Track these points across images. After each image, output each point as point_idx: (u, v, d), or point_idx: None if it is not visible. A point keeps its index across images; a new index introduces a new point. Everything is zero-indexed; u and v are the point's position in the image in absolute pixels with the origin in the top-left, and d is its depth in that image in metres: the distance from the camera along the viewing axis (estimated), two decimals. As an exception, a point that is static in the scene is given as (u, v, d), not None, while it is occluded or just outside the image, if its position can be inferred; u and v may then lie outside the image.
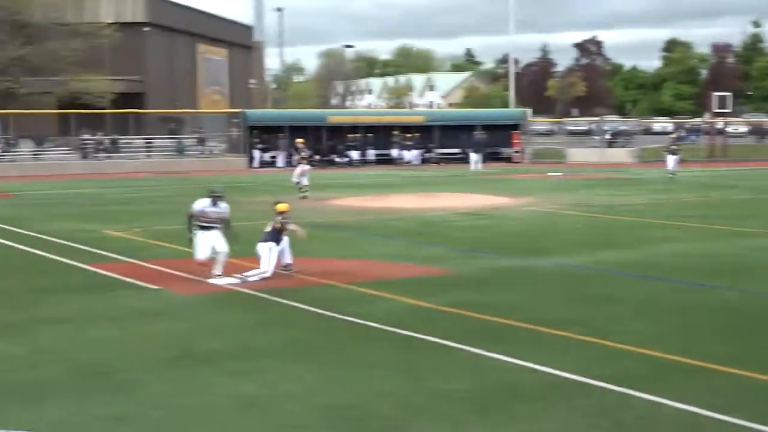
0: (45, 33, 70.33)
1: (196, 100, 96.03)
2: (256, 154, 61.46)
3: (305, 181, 37.98)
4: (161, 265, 20.01)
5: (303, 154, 39.43)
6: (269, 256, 18.63)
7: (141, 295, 16.85)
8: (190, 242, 18.62)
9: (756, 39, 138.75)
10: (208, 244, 18.41)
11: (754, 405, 10.32)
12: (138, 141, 66.13)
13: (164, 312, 15.32)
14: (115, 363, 12.14)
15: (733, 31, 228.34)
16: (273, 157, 62.50)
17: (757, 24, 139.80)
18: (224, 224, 18.86)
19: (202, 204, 18.58)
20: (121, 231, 26.06)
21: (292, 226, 19.33)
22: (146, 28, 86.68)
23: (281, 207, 19.55)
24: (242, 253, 19.29)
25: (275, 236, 19.10)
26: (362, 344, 13.04)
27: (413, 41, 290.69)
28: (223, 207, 18.85)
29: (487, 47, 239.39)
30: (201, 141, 65.00)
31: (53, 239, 24.51)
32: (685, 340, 13.19)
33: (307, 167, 38.84)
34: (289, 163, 61.54)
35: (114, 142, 62.85)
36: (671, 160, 47.38)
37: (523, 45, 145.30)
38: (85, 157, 61.06)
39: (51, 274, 19.33)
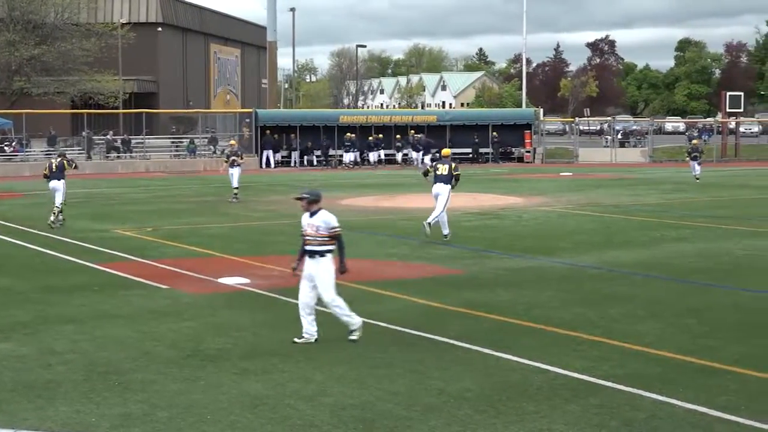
0: (58, 33, 70.55)
1: (208, 99, 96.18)
2: (270, 154, 61.41)
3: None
4: (171, 264, 20.04)
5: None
6: (448, 197, 23.89)
7: (151, 295, 16.87)
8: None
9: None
10: (308, 284, 13.45)
11: (765, 405, 10.27)
12: (150, 140, 66.23)
13: (174, 311, 15.32)
14: (124, 362, 12.14)
15: (750, 31, 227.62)
16: (285, 157, 62.52)
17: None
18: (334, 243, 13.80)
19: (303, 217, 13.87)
20: (131, 231, 26.10)
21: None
22: (159, 28, 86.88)
23: (446, 151, 26.34)
24: (248, 252, 19.26)
25: (449, 179, 24.32)
26: (371, 344, 13.01)
27: (427, 41, 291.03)
28: (323, 218, 13.94)
29: (501, 47, 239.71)
30: (213, 141, 65.07)
31: (64, 239, 24.57)
32: (696, 341, 13.14)
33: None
34: (302, 163, 61.67)
35: (126, 141, 62.95)
36: (696, 166, 45.24)
37: (536, 44, 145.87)
38: (89, 157, 61.08)
39: (60, 274, 19.37)
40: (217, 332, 13.72)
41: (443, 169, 24.67)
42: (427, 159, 55.00)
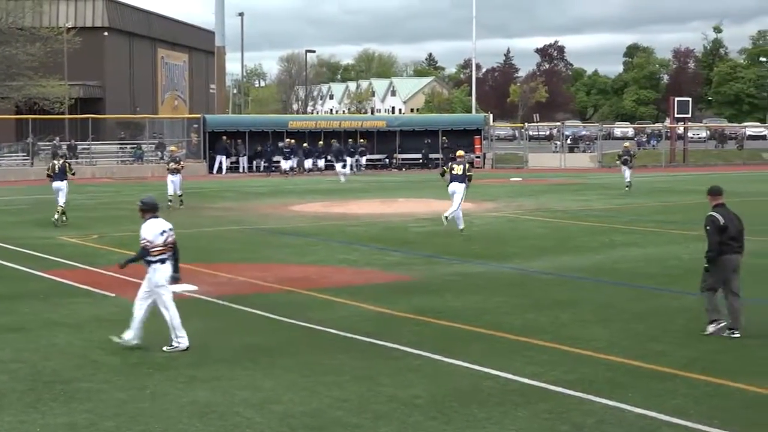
0: (2, 37, 69.67)
1: (155, 105, 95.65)
2: (222, 159, 60.99)
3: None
4: (118, 272, 19.78)
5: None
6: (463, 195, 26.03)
7: (98, 303, 16.73)
8: None
9: (717, 44, 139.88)
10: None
11: (713, 409, 10.38)
12: (96, 146, 65.71)
13: (121, 319, 15.11)
14: (70, 371, 12.03)
15: (698, 37, 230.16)
16: (234, 163, 62.23)
17: (718, 29, 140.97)
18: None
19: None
20: (77, 238, 25.86)
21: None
22: (106, 33, 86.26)
23: (460, 153, 28.69)
24: (201, 259, 19.16)
25: (464, 178, 26.41)
26: (321, 351, 12.99)
27: (377, 46, 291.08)
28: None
29: (451, 52, 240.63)
30: (160, 146, 64.67)
31: (8, 246, 24.28)
32: (645, 345, 13.25)
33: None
34: (250, 169, 61.36)
35: (72, 147, 62.38)
36: (627, 172, 43.08)
37: (486, 50, 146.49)
38: (31, 163, 60.45)
39: (6, 282, 19.13)
40: (164, 340, 13.62)
41: (458, 169, 27.10)
42: (339, 166, 53.67)
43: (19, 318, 15.40)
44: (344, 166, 53.80)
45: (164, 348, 13.05)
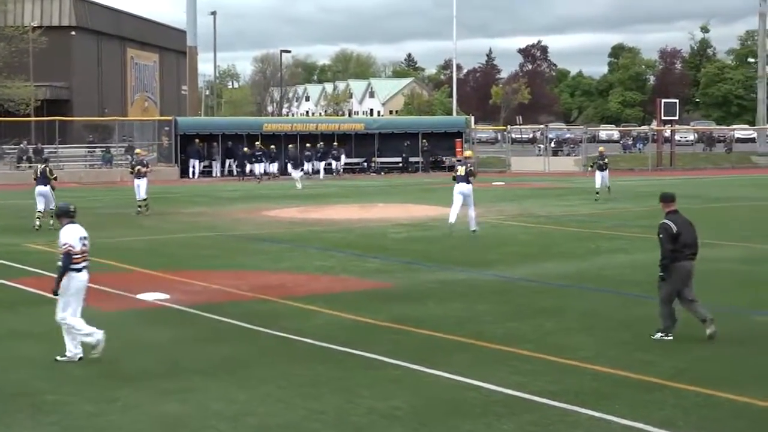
0: (-35, 37, 69.45)
1: (125, 106, 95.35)
2: (196, 163, 60.77)
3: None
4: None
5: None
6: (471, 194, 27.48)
7: (65, 312, 16.61)
8: None
9: (704, 44, 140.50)
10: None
11: (702, 420, 10.42)
12: (63, 150, 65.42)
13: (89, 329, 15.11)
14: (37, 382, 11.98)
15: (684, 37, 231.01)
16: (207, 166, 62.09)
17: (705, 29, 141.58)
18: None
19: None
20: (44, 244, 25.73)
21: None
22: (73, 32, 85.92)
23: (469, 153, 30.99)
24: (172, 266, 19.11)
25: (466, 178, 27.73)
26: (297, 361, 12.98)
27: (355, 46, 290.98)
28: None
29: (431, 53, 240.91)
30: (130, 150, 64.45)
31: (-28, 253, 24.16)
32: (632, 355, 13.29)
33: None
34: (222, 173, 61.21)
35: (38, 150, 62.10)
36: (600, 177, 41.21)
37: (467, 50, 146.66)
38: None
39: (-31, 290, 19.02)
40: (136, 350, 13.59)
41: (461, 170, 28.52)
42: (295, 173, 52.93)
43: (-17, 328, 15.31)
44: (302, 171, 53.50)
45: (57, 357, 13.03)
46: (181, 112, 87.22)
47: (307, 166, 58.70)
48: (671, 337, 14.13)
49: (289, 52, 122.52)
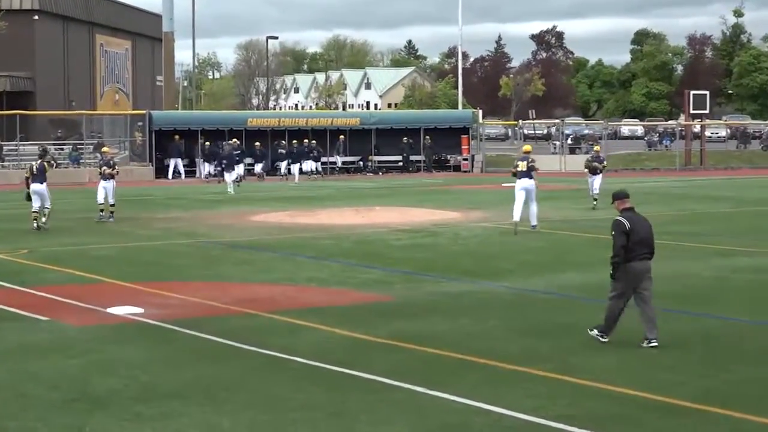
0: None
1: (94, 99, 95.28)
2: (177, 162, 60.60)
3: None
4: (52, 292, 19.78)
5: None
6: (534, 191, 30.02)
7: (28, 328, 16.63)
8: None
9: (738, 30, 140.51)
10: None
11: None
12: (26, 147, 65.37)
13: (55, 347, 15.12)
14: (-4, 407, 11.98)
15: (715, 22, 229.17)
16: (187, 165, 62.03)
17: (738, 13, 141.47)
18: None
19: None
20: (3, 253, 25.72)
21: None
22: (36, 17, 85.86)
23: (527, 147, 32.27)
24: (146, 277, 19.09)
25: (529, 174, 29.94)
26: (287, 382, 12.97)
27: (349, 32, 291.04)
28: None
29: (434, 39, 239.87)
30: (99, 147, 64.40)
31: (-76, 263, 24.17)
32: (658, 375, 13.28)
33: None
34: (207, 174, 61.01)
35: (-5, 148, 62.13)
36: (595, 181, 39.44)
37: (474, 36, 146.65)
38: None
39: None
40: (107, 371, 13.57)
41: (523, 165, 30.36)
42: (228, 175, 52.15)
43: (-63, 346, 15.31)
44: (236, 175, 51.05)
45: None
46: (156, 105, 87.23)
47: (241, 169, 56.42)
48: (606, 340, 14.96)
49: (276, 38, 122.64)
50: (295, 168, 58.83)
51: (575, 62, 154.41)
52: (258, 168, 60.65)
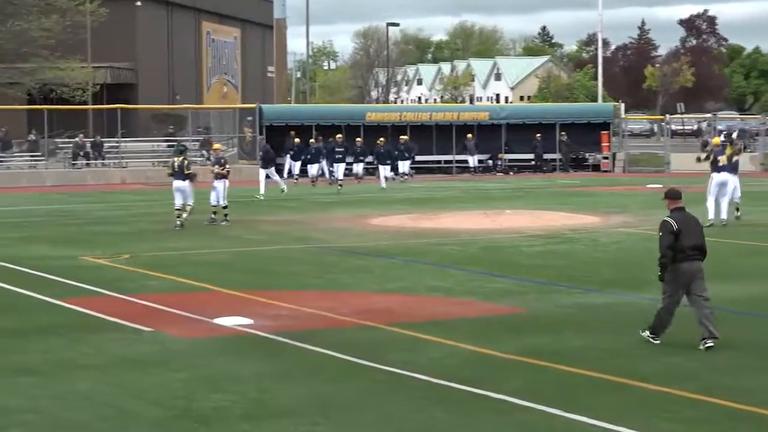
0: (10, 9, 70.57)
1: (200, 92, 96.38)
2: (291, 162, 59.77)
3: None
4: (155, 301, 20.07)
5: None
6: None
7: (129, 339, 16.90)
8: None
9: None
10: None
11: None
12: (127, 144, 66.35)
13: (157, 360, 15.35)
14: (95, 424, 12.19)
15: None
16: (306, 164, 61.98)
17: None
18: None
19: None
20: (103, 257, 26.18)
21: None
22: (138, 3, 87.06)
23: (716, 140, 32.46)
24: (256, 286, 19.22)
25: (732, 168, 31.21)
26: (406, 401, 13.01)
27: (477, 18, 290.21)
28: None
29: (571, 25, 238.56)
30: (206, 144, 65.09)
31: (19, 268, 24.66)
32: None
33: None
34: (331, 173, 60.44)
35: (97, 145, 63.12)
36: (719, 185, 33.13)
37: (615, 22, 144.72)
38: (45, 166, 61.24)
39: (15, 313, 19.41)
40: (212, 386, 13.74)
41: (723, 159, 32.07)
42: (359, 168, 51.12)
43: (33, 358, 15.63)
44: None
45: None
46: (267, 98, 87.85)
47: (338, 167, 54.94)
48: (659, 341, 15.80)
49: (397, 25, 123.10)
50: (382, 170, 55.16)
51: (729, 50, 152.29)
52: (358, 168, 58.59)
